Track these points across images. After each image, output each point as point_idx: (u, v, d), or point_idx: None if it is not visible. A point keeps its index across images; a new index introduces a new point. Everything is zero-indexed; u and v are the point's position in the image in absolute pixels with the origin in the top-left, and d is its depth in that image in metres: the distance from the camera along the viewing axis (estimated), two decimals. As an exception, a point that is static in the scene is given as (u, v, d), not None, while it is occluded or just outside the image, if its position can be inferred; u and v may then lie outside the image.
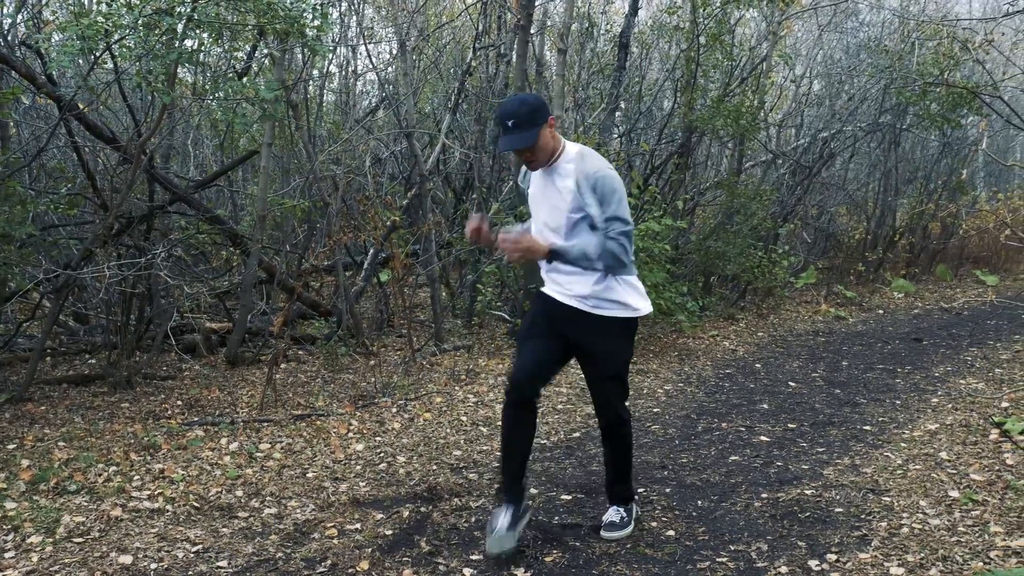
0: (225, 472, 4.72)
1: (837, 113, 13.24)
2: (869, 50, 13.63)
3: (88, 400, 6.23)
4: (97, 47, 6.12)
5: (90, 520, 4.04)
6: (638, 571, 3.56)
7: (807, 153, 13.05)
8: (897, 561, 3.56)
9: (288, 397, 6.33)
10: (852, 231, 14.84)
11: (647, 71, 13.30)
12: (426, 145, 11.20)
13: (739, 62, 11.86)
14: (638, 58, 12.67)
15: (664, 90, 12.81)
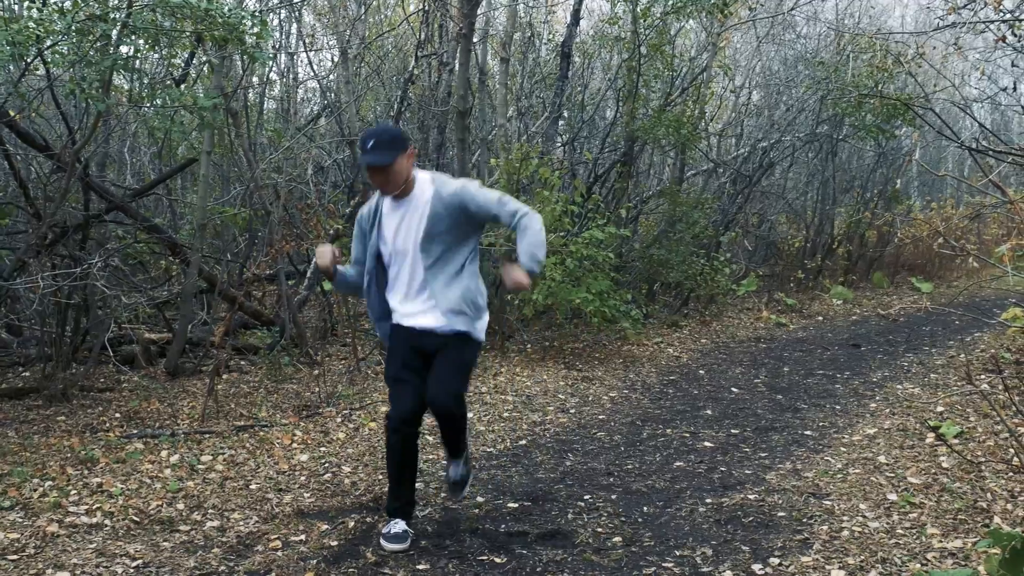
0: (166, 485, 4.63)
1: (776, 123, 13.50)
2: (806, 62, 13.93)
3: (22, 414, 6.06)
4: (28, 53, 5.97)
5: (25, 536, 3.92)
6: (585, 577, 3.57)
7: (747, 162, 13.28)
8: (838, 564, 3.62)
9: (230, 408, 6.23)
10: (792, 239, 15.13)
11: (589, 80, 13.42)
12: (369, 154, 11.12)
13: (680, 72, 12.03)
14: (580, 68, 12.77)
15: (607, 99, 12.93)
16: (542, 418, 6.29)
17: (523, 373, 7.63)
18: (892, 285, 15.18)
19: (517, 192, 8.28)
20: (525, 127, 11.60)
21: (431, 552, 3.81)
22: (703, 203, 11.37)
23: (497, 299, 8.61)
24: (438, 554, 3.79)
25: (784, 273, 13.80)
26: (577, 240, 7.99)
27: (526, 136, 11.00)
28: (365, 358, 7.84)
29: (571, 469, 5.06)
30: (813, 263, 14.30)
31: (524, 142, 9.21)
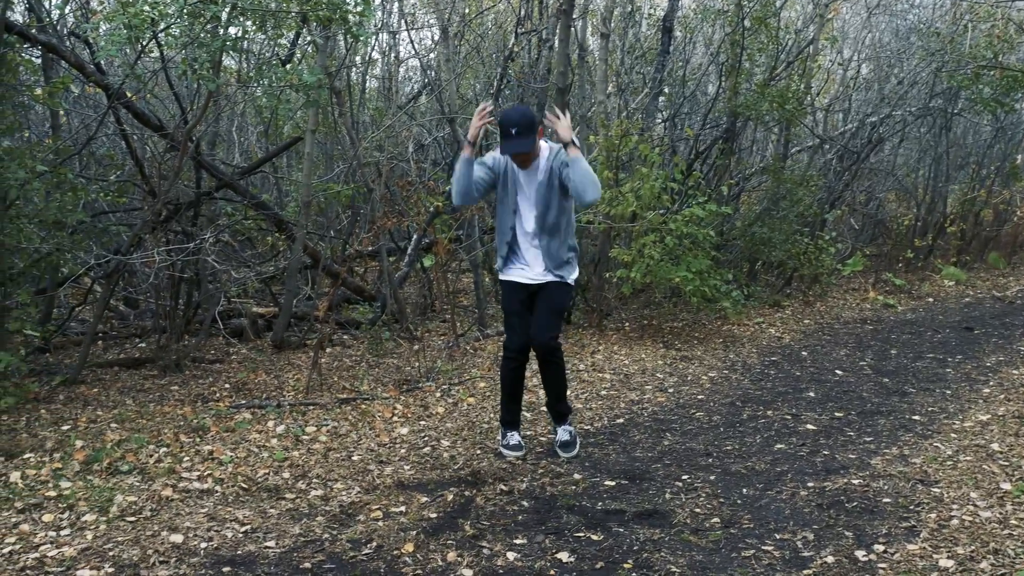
0: (272, 454, 4.78)
1: (886, 97, 13.00)
2: (919, 33, 13.36)
3: (139, 383, 6.34)
4: (144, 36, 6.20)
5: (142, 500, 4.11)
6: (682, 558, 3.54)
7: (855, 138, 12.84)
8: (947, 553, 3.51)
9: (333, 381, 6.39)
10: (901, 218, 14.59)
11: (691, 55, 13.17)
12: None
13: (785, 45, 11.69)
14: (682, 42, 12.54)
15: (708, 74, 12.68)
16: (640, 397, 6.25)
17: (621, 351, 7.59)
18: (1009, 266, 14.51)
19: (616, 169, 8.20)
20: (625, 103, 11.47)
21: (528, 527, 3.84)
22: (808, 180, 11.06)
23: (596, 277, 8.58)
24: (535, 529, 3.82)
25: (892, 253, 13.34)
26: (677, 218, 7.88)
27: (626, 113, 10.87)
28: (464, 334, 7.93)
29: (669, 448, 5.03)
30: (924, 242, 13.78)
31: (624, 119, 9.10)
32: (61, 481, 4.30)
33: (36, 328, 6.86)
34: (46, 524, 3.83)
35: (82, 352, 6.54)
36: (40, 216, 6.30)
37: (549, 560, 3.53)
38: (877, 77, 14.09)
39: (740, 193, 11.73)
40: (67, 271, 6.98)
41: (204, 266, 7.04)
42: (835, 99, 14.48)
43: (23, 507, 4.00)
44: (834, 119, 14.39)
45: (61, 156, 6.97)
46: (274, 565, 3.46)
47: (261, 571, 3.41)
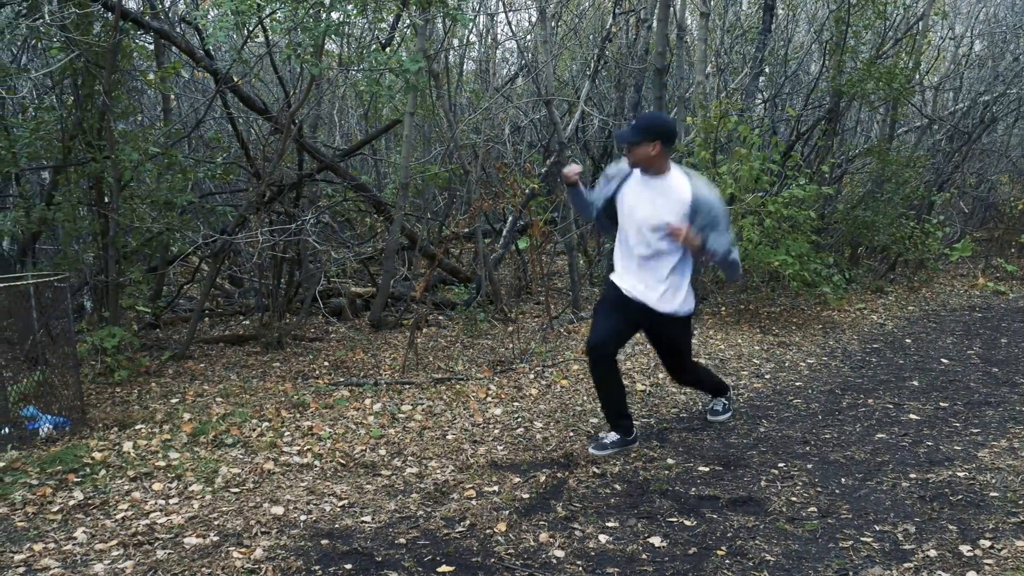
0: (369, 431, 4.89)
1: (1000, 75, 12.43)
2: (1039, 6, 12.70)
3: (243, 359, 6.56)
4: (250, 21, 6.36)
5: (245, 472, 4.26)
6: (777, 547, 3.49)
7: (966, 118, 12.33)
8: (1059, 549, 3.37)
9: (429, 361, 6.49)
10: (1014, 201, 13.95)
11: (793, 34, 12.83)
12: (565, 113, 11.17)
13: (893, 21, 11.28)
14: (784, 20, 12.23)
15: (811, 53, 12.33)
16: (735, 382, 6.16)
17: (717, 336, 7.49)
18: None
19: (715, 150, 8.07)
20: (724, 84, 11.26)
21: (620, 510, 3.84)
22: (915, 162, 10.67)
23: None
24: (627, 513, 3.82)
25: (1004, 237, 12.77)
26: (776, 199, 7.71)
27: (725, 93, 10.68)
28: (558, 316, 7.94)
29: (765, 435, 4.95)
30: (1039, 227, 13.15)
31: (723, 99, 8.94)
32: (170, 452, 4.49)
33: (147, 305, 7.15)
34: (156, 492, 4.01)
35: (190, 328, 6.79)
36: (152, 197, 6.56)
37: (641, 544, 3.52)
38: (991, 54, 13.47)
39: (842, 175, 11.40)
40: (176, 250, 7.25)
41: (305, 246, 7.22)
42: (945, 77, 13.90)
43: (135, 475, 4.19)
44: (944, 98, 13.82)
45: (172, 139, 7.23)
46: (370, 540, 3.55)
47: (358, 545, 3.49)
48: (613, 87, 11.00)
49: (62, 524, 3.69)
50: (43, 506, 3.86)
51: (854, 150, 11.89)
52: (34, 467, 4.24)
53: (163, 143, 7.08)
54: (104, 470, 4.25)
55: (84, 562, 3.33)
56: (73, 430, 4.81)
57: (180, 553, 3.39)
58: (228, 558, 3.34)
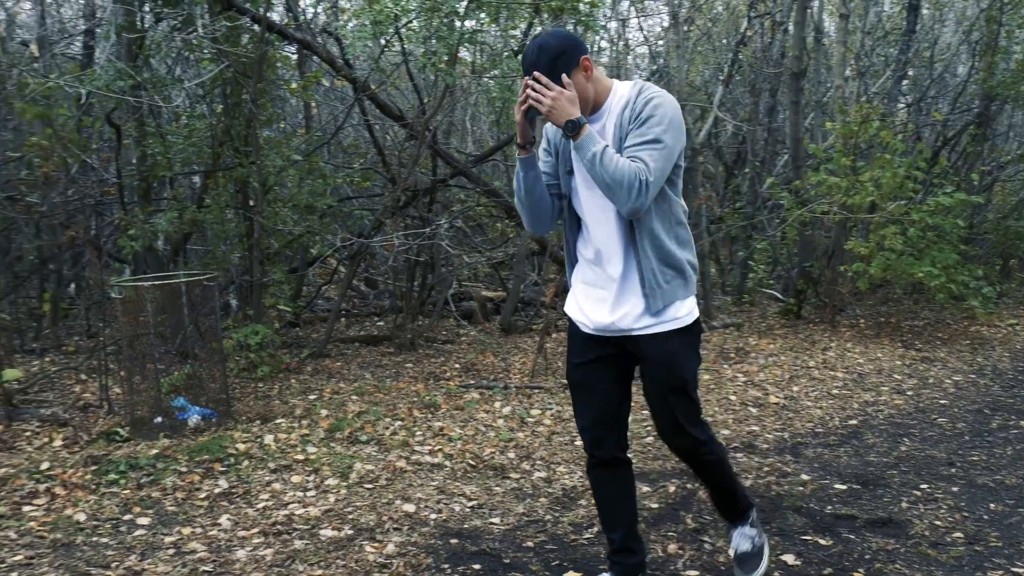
0: (498, 434, 4.94)
1: None
2: None
3: (377, 359, 6.74)
4: (387, 31, 6.54)
5: (378, 469, 4.37)
6: (919, 572, 3.33)
7: None
8: None
9: (558, 366, 6.50)
10: None
11: (940, 34, 12.27)
12: (697, 118, 11.01)
13: (1053, 20, 10.64)
14: (930, 20, 11.71)
15: (959, 54, 11.76)
16: (875, 398, 5.93)
17: (855, 349, 7.23)
18: None
19: (855, 157, 7.79)
20: (864, 87, 10.87)
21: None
22: (1076, 169, 10.05)
23: (829, 270, 8.21)
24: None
25: None
26: (921, 208, 7.39)
27: (865, 97, 10.30)
28: (688, 324, 7.82)
29: (906, 455, 4.74)
30: None
31: (863, 103, 8.64)
32: (308, 446, 4.65)
33: (288, 304, 7.43)
34: (294, 485, 4.16)
35: (327, 328, 7.02)
36: (294, 200, 6.82)
37: (774, 561, 3.43)
38: None
39: (993, 183, 10.83)
40: (316, 252, 7.51)
41: (438, 250, 7.35)
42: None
43: (275, 467, 4.36)
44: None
45: (313, 145, 7.50)
46: (498, 541, 3.58)
47: (486, 546, 3.53)
48: (747, 92, 10.78)
49: (208, 510, 3.87)
50: (191, 492, 4.06)
51: (1006, 156, 11.27)
52: (183, 455, 4.47)
53: (305, 149, 7.36)
54: (247, 461, 4.43)
55: (228, 547, 3.49)
56: (219, 422, 5.05)
57: (316, 544, 3.50)
58: (361, 552, 3.43)
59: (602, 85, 2.73)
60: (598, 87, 2.71)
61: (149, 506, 3.93)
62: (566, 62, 2.62)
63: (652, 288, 2.71)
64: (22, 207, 7.28)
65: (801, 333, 7.70)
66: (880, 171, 7.41)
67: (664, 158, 2.58)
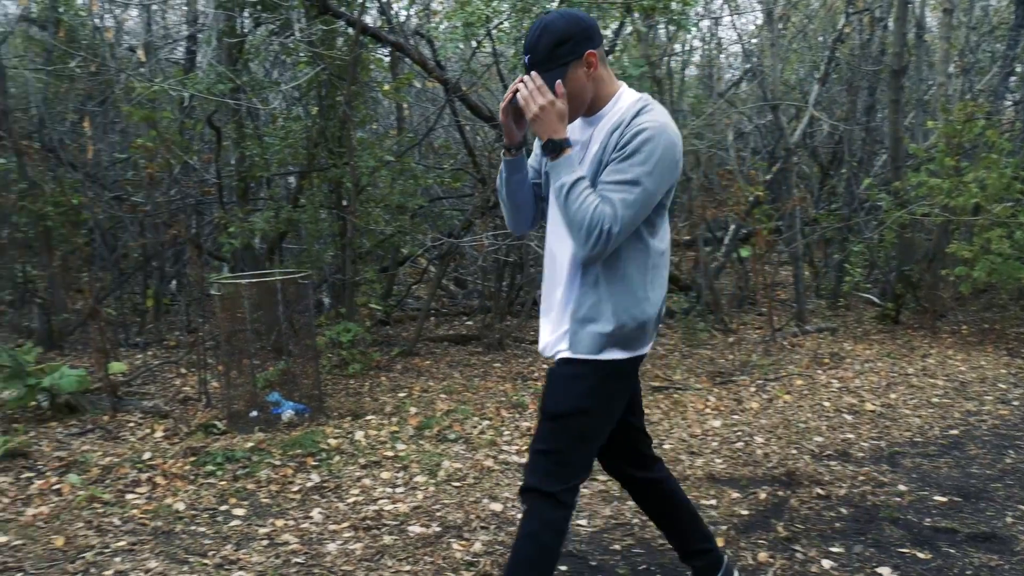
0: (585, 436, 4.92)
1: None
2: None
3: (465, 358, 6.79)
4: (478, 33, 6.58)
5: (466, 467, 4.40)
6: (1027, 587, 3.20)
7: None
8: None
9: (646, 368, 6.44)
10: None
11: (1052, 29, 11.73)
12: (792, 118, 10.78)
13: None
14: (1042, 14, 11.21)
15: (1075, 49, 11.23)
16: (978, 408, 5.71)
17: (956, 356, 6.97)
18: None
19: (958, 158, 7.51)
20: (969, 85, 10.47)
21: (846, 536, 3.65)
22: None
23: (929, 274, 7.94)
24: (853, 539, 3.62)
25: None
26: (1030, 211, 7.09)
27: (970, 95, 9.93)
28: (781, 329, 7.67)
29: (1012, 467, 4.55)
30: None
31: (968, 101, 8.32)
32: (397, 443, 4.71)
33: (379, 303, 7.55)
34: (384, 481, 4.22)
35: (417, 326, 7.11)
36: (386, 201, 6.92)
37: (868, 573, 3.33)
38: None
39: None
40: (407, 251, 7.61)
41: (527, 250, 7.36)
42: None
43: (366, 463, 4.43)
44: None
45: (404, 146, 7.60)
46: (585, 543, 3.57)
47: (573, 548, 3.52)
48: (844, 90, 10.50)
49: (300, 503, 3.96)
50: (284, 485, 4.16)
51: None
52: (277, 449, 4.58)
53: (397, 150, 7.46)
54: (338, 456, 4.52)
55: (319, 540, 3.56)
56: (311, 417, 5.16)
57: (405, 540, 3.55)
58: (449, 549, 3.46)
59: (605, 88, 2.42)
60: (600, 89, 2.41)
61: (244, 497, 4.04)
62: (569, 51, 2.32)
63: (580, 326, 2.42)
64: (128, 206, 7.57)
65: (899, 339, 7.46)
66: (985, 172, 7.13)
67: (640, 204, 2.27)
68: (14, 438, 4.64)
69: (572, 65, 2.33)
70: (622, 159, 2.28)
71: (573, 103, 2.38)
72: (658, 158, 2.27)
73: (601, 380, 2.45)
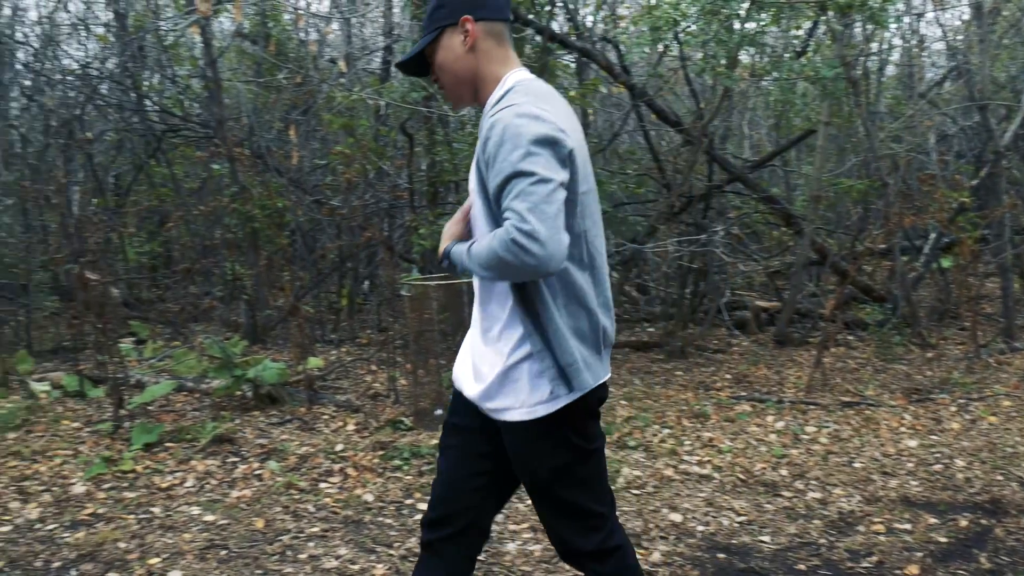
0: (770, 449, 4.78)
1: None
2: None
3: (646, 365, 6.74)
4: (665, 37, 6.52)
5: (645, 475, 4.37)
6: None
7: None
8: None
9: (836, 382, 6.18)
10: None
11: None
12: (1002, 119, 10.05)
13: None
14: None
15: None
16: None
17: None
18: None
19: None
20: None
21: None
22: None
23: None
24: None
25: None
26: None
27: None
28: (986, 345, 7.17)
29: None
30: None
31: None
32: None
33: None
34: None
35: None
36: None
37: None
38: None
39: None
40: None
41: (712, 257, 7.23)
42: None
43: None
44: None
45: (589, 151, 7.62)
46: (768, 560, 3.46)
47: (755, 564, 3.42)
48: (1065, 90, 9.69)
49: (482, 504, 4.05)
50: (466, 485, 4.26)
51: None
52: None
53: (581, 156, 7.48)
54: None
55: (499, 539, 3.62)
56: (493, 419, 5.25)
57: (583, 546, 3.56)
58: (628, 558, 3.44)
59: (492, 69, 2.08)
60: (486, 69, 2.07)
61: (428, 493, 4.17)
62: (445, 15, 2.07)
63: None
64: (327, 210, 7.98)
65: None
66: None
67: (541, 191, 1.81)
68: (222, 424, 4.99)
69: (447, 31, 2.07)
70: (490, 164, 1.91)
71: (445, 76, 2.11)
72: (514, 132, 1.86)
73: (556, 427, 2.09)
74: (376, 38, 10.16)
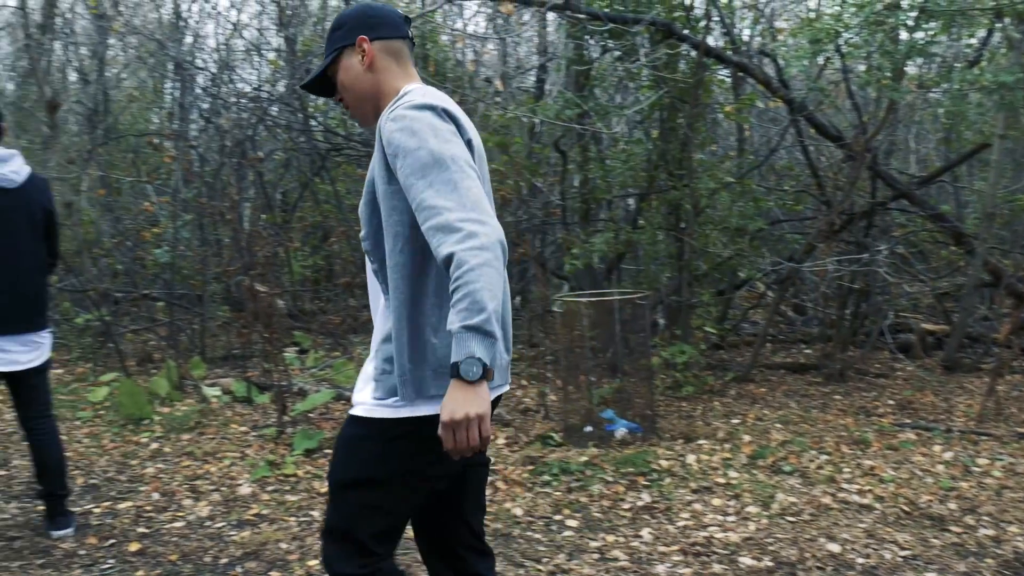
0: (937, 481, 4.52)
1: None
2: None
3: (803, 388, 6.52)
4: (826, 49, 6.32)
5: (801, 502, 4.22)
6: None
7: None
8: None
9: (1012, 412, 5.80)
10: None
11: None
12: None
13: None
14: None
15: None
16: None
17: None
18: None
19: None
20: None
21: None
22: None
23: None
24: None
25: None
26: None
27: None
28: None
29: None
30: None
31: None
32: (729, 470, 4.63)
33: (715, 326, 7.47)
34: (714, 508, 4.16)
35: (753, 352, 6.94)
36: (724, 223, 6.84)
37: None
38: None
39: None
40: (744, 275, 7.46)
41: (874, 277, 6.94)
42: None
43: (696, 488, 4.40)
44: None
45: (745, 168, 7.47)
46: (935, 598, 3.28)
47: (921, 601, 3.25)
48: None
49: (631, 521, 4.01)
50: (615, 502, 4.24)
51: None
52: (610, 465, 4.68)
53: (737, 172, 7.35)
54: (669, 478, 4.53)
55: (648, 560, 3.58)
56: (644, 436, 5.21)
57: (735, 571, 3.47)
58: (782, 586, 3.34)
59: (392, 86, 2.12)
60: (386, 85, 2.12)
61: (577, 509, 4.17)
62: (342, 36, 2.13)
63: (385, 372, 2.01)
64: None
65: None
66: None
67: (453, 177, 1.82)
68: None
69: (346, 51, 2.14)
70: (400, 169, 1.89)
71: (348, 94, 2.15)
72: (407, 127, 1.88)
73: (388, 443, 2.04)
74: (531, 57, 10.30)
